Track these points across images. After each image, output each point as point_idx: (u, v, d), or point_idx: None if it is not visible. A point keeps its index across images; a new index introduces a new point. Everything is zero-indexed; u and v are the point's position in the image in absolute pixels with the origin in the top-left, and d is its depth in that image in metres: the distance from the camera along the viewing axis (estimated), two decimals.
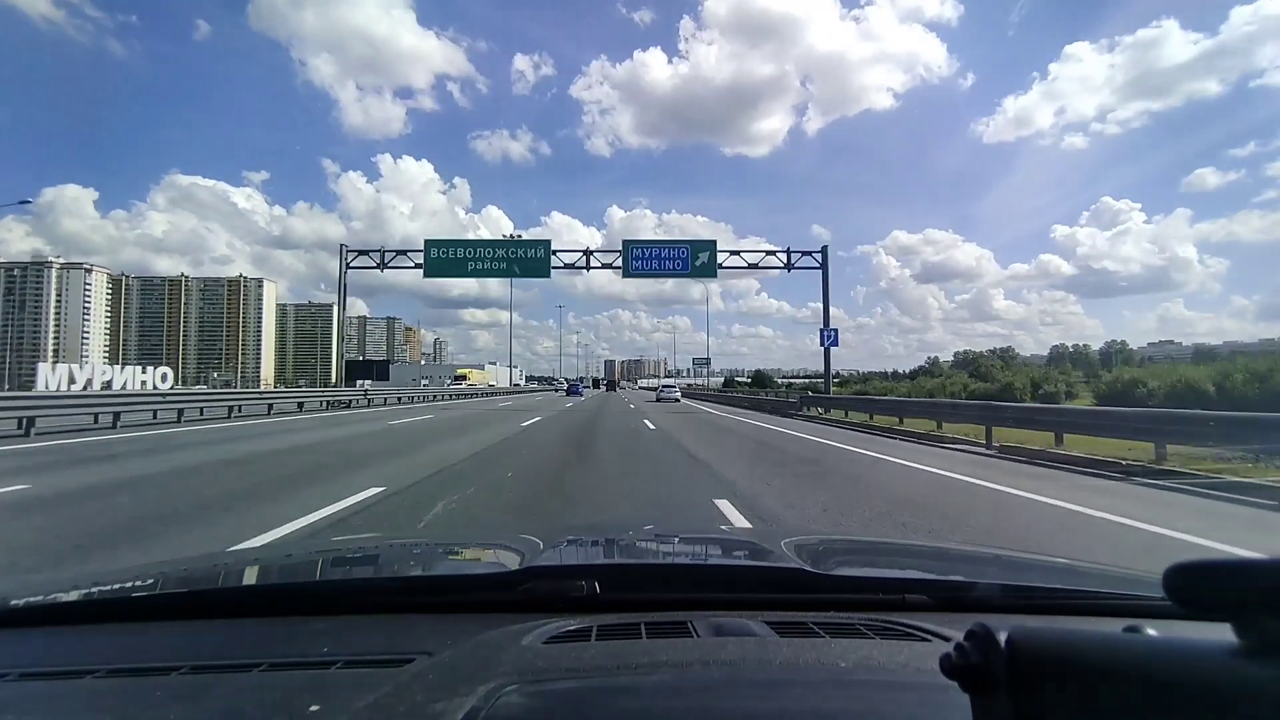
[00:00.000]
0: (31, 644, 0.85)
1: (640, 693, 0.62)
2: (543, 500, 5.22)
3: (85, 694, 0.67)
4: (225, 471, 6.59)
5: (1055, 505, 5.11)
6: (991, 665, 0.38)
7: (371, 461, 7.37)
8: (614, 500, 5.28)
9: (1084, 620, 0.88)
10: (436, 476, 6.13)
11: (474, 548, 1.59)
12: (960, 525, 4.48)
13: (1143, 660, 0.36)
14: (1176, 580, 0.37)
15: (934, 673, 0.43)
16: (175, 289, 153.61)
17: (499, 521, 4.38)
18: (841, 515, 4.73)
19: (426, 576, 1.18)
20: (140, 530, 3.92)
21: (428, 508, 4.61)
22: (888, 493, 5.80)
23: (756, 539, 1.39)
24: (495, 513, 4.70)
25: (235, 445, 9.06)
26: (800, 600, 0.91)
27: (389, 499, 4.93)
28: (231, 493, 5.28)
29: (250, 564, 1.41)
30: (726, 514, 4.60)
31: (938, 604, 0.92)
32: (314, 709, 0.60)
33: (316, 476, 6.10)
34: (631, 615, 0.84)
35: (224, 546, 3.36)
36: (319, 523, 4.09)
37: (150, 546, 3.56)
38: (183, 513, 4.45)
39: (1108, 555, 3.58)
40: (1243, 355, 22.16)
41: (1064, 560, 1.40)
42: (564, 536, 1.56)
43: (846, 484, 6.32)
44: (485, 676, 0.63)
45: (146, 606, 0.98)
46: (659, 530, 1.79)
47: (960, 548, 1.72)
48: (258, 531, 3.79)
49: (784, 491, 5.63)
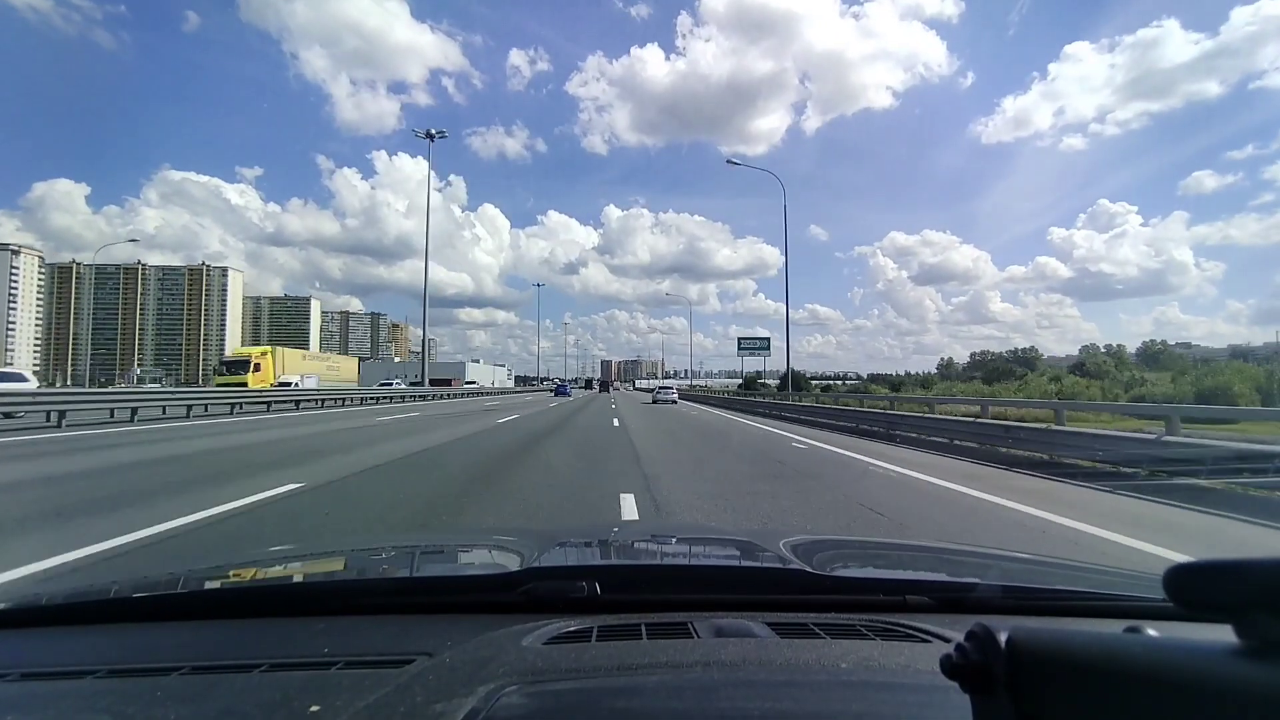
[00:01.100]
0: (33, 644, 0.86)
1: (640, 693, 0.63)
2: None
3: (86, 694, 0.68)
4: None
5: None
6: (992, 666, 0.39)
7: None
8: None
9: (1084, 621, 0.90)
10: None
11: (474, 549, 1.60)
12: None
13: (1143, 661, 0.36)
14: (1177, 581, 0.37)
15: (934, 673, 0.44)
16: (131, 278, 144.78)
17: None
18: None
19: (427, 577, 1.19)
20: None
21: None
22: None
23: (757, 540, 1.41)
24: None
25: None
26: (801, 601, 0.92)
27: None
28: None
29: (250, 564, 1.40)
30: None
31: (938, 605, 0.93)
32: (314, 709, 0.60)
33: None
34: (632, 616, 0.84)
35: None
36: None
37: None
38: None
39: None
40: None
41: (1065, 561, 1.43)
42: (564, 537, 1.58)
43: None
44: (486, 677, 0.63)
45: (147, 607, 0.98)
46: (659, 531, 1.81)
47: (961, 548, 1.73)
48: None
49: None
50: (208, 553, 3.45)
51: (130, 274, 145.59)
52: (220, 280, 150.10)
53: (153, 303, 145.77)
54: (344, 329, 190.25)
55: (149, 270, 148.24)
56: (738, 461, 8.04)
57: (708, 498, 5.17)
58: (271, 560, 1.49)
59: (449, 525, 4.14)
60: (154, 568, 3.02)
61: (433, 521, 4.21)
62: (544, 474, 6.41)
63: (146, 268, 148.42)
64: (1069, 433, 7.97)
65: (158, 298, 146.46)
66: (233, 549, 3.44)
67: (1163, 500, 5.35)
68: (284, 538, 3.81)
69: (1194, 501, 5.22)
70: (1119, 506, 5.20)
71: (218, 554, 3.31)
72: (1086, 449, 7.28)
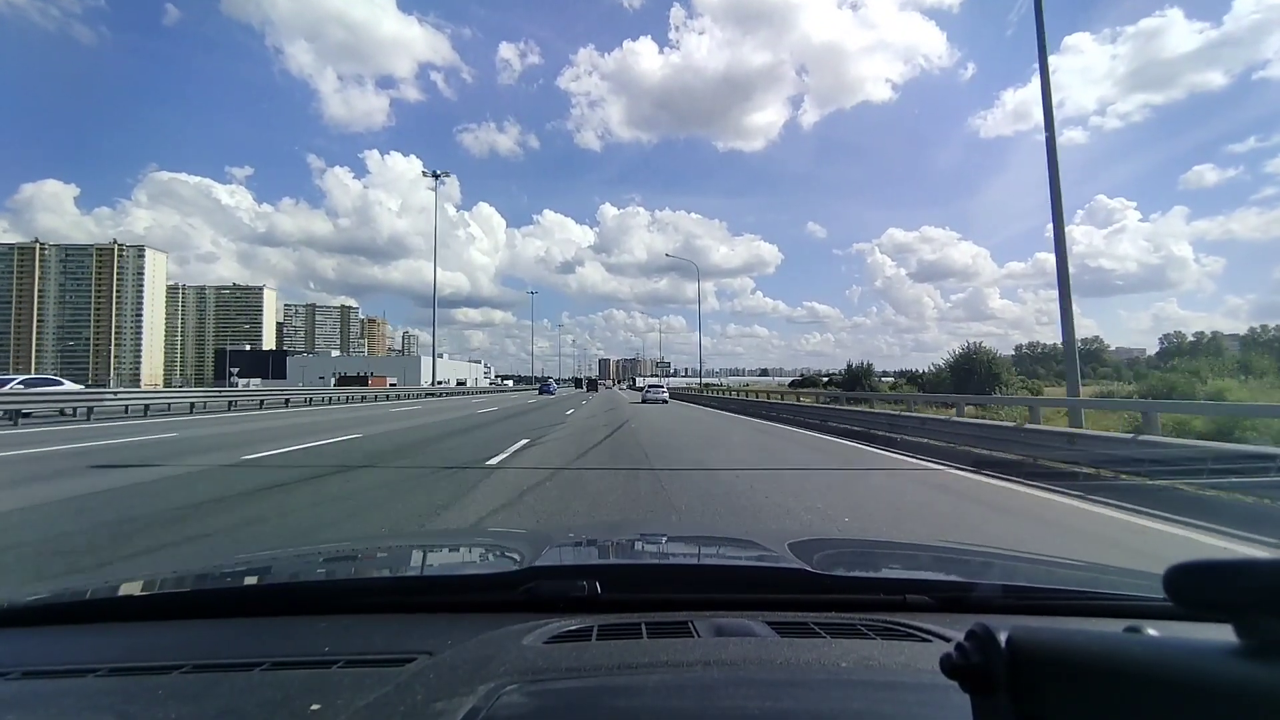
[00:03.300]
0: (34, 643, 0.87)
1: (641, 693, 0.63)
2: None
3: (87, 693, 0.68)
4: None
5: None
6: (992, 665, 0.40)
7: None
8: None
9: (1084, 621, 0.92)
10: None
11: (475, 547, 1.60)
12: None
13: (1143, 660, 0.36)
14: (1177, 581, 0.37)
15: (934, 673, 0.45)
16: (28, 259, 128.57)
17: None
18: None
19: (427, 576, 1.20)
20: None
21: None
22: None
23: (757, 539, 1.43)
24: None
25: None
26: (801, 600, 0.93)
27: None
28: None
29: (251, 564, 1.40)
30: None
31: (939, 604, 0.95)
32: (314, 708, 0.60)
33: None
34: (632, 615, 0.85)
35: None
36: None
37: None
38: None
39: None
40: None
41: (1065, 561, 1.46)
42: (565, 537, 1.58)
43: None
44: (486, 676, 0.63)
45: (148, 606, 1.00)
46: (660, 531, 1.82)
47: (962, 548, 1.76)
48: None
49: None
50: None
51: (26, 254, 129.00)
52: (136, 263, 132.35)
53: (54, 289, 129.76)
54: (310, 323, 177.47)
55: (49, 250, 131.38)
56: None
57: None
58: (272, 559, 1.49)
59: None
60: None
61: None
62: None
63: (46, 247, 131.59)
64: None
65: (60, 283, 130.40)
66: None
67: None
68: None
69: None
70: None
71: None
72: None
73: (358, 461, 7.06)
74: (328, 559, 1.41)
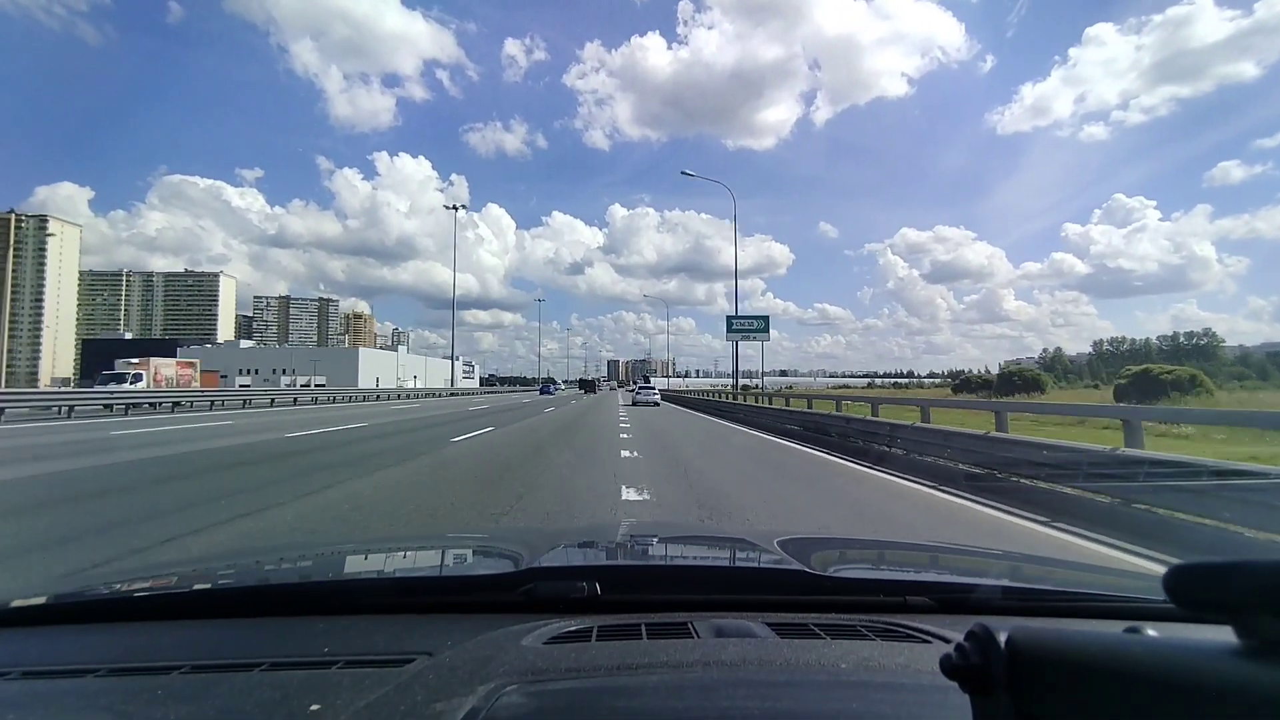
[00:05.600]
0: (33, 643, 0.88)
1: (641, 693, 0.64)
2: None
3: (87, 692, 0.69)
4: None
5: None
6: (992, 666, 0.40)
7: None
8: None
9: (1084, 621, 0.91)
10: None
11: (475, 548, 1.62)
12: None
13: (1143, 661, 0.36)
14: (1176, 581, 0.38)
15: (934, 674, 0.45)
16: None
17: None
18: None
19: (427, 577, 1.21)
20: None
21: None
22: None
23: (757, 540, 1.43)
24: None
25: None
26: (801, 602, 0.94)
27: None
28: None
29: (250, 564, 1.42)
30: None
31: (939, 605, 0.95)
32: (314, 709, 0.61)
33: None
34: (632, 616, 0.86)
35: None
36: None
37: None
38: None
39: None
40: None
41: (1065, 561, 1.45)
42: (565, 537, 1.60)
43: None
44: (486, 677, 0.65)
45: (147, 606, 1.01)
46: (659, 532, 1.83)
47: (961, 549, 1.75)
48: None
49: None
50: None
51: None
52: (38, 238, 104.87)
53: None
54: (283, 316, 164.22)
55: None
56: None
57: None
58: (272, 559, 1.52)
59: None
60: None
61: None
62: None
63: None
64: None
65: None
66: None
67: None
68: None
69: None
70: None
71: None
72: None
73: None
74: (327, 559, 1.44)
